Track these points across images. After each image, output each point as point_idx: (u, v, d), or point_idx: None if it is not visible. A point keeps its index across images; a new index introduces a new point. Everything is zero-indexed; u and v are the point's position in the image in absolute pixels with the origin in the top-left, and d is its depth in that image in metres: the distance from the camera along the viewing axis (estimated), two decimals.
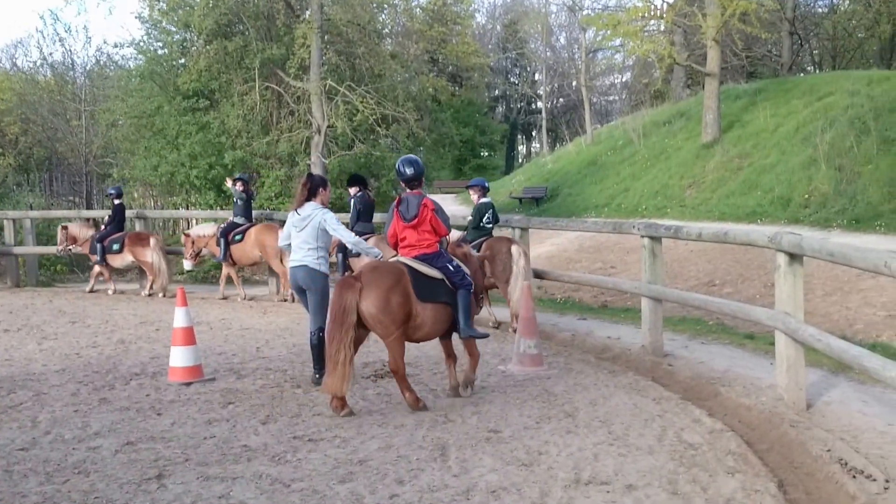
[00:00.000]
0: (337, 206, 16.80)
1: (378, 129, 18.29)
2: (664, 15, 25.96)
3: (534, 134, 62.38)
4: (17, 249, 16.98)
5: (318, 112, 17.57)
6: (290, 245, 8.00)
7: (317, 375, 7.89)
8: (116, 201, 15.70)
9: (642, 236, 9.07)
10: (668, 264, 12.80)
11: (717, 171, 21.83)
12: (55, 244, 16.37)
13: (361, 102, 17.39)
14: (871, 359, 5.26)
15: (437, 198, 34.06)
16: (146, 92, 20.02)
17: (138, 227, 16.81)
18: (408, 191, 7.35)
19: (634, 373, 8.44)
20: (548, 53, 51.27)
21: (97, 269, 15.76)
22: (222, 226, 14.81)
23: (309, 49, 17.39)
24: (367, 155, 18.78)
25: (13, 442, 6.08)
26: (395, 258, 7.24)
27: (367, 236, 12.29)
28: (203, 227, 15.23)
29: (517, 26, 52.70)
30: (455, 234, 11.54)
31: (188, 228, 17.08)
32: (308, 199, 7.89)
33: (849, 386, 7.23)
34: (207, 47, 18.28)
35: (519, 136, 61.81)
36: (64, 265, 18.41)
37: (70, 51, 26.85)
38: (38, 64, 28.35)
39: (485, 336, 7.57)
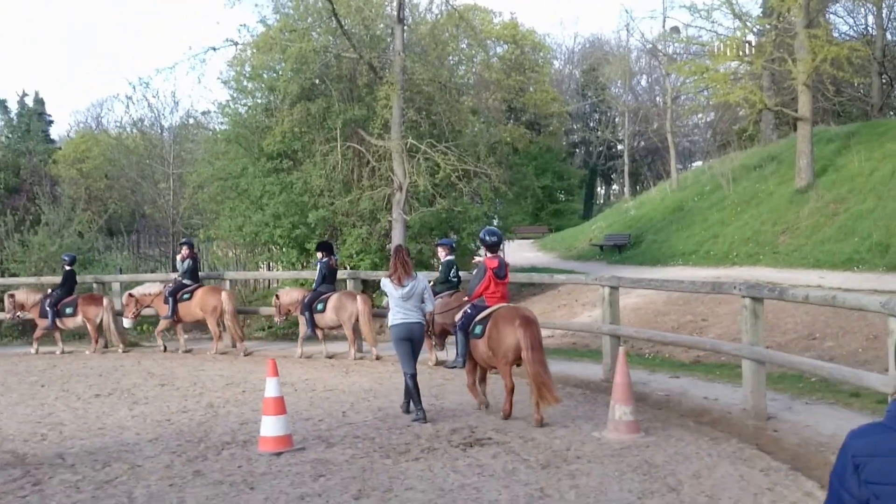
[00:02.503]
0: (417, 261, 17.27)
1: (459, 183, 18.19)
2: (752, 61, 25.35)
3: (613, 178, 61.54)
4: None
5: (399, 170, 17.58)
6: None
7: (419, 413, 9.06)
8: (68, 268, 16.60)
9: (743, 296, 8.69)
10: (764, 315, 12.28)
11: (811, 217, 21.01)
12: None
13: (443, 159, 17.34)
14: None
15: (516, 243, 33.70)
16: (231, 154, 20.38)
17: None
18: (489, 254, 9.29)
19: (738, 440, 8.02)
20: (629, 98, 50.60)
21: (39, 332, 16.44)
22: (170, 286, 15.88)
23: (391, 109, 17.47)
24: (449, 210, 18.70)
25: None
26: (502, 305, 9.15)
27: (328, 295, 14.27)
28: (147, 287, 16.25)
29: (596, 72, 52.25)
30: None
31: (277, 289, 17.38)
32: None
33: None
34: (291, 110, 18.53)
35: (598, 180, 61.02)
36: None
37: (158, 115, 27.45)
38: (126, 127, 29.22)
39: None
